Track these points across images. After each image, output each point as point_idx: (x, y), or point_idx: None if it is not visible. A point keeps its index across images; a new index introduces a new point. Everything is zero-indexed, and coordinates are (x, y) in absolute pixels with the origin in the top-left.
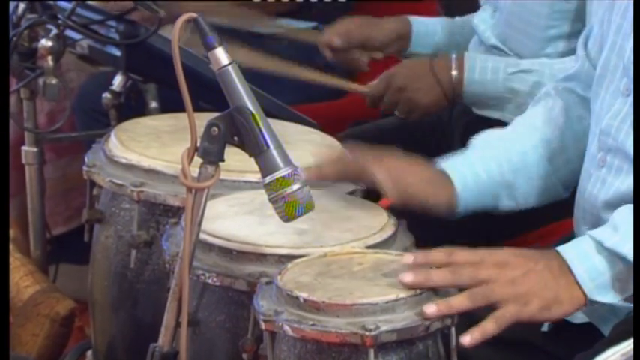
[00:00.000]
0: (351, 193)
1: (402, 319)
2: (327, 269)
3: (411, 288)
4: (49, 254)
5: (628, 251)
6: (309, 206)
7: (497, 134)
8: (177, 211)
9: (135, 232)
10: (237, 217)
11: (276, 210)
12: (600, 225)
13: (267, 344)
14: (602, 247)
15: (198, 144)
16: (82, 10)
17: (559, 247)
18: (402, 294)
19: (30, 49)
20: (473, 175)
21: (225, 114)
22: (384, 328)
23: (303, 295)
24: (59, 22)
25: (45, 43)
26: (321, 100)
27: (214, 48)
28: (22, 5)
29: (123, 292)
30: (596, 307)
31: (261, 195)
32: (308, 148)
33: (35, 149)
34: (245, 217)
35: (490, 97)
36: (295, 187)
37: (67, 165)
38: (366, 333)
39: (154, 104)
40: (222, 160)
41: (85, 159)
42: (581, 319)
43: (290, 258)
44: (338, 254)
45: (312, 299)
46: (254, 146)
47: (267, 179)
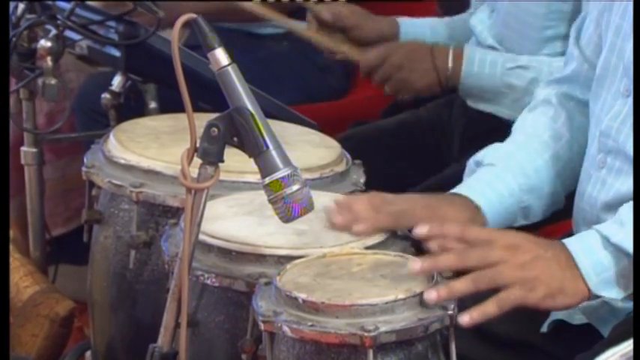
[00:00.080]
0: (350, 193)
1: (401, 319)
2: (326, 270)
3: (420, 274)
4: (48, 255)
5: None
6: (308, 207)
7: (505, 150)
8: (176, 212)
9: (134, 232)
10: (237, 218)
11: (276, 211)
12: None
13: (266, 345)
14: (609, 242)
15: (197, 144)
16: (81, 11)
17: (565, 240)
18: (401, 295)
19: (29, 49)
20: (497, 196)
21: (225, 114)
22: (383, 329)
23: (302, 296)
24: (58, 22)
25: (44, 43)
26: (321, 101)
27: (214, 48)
28: (21, 5)
29: (122, 293)
30: (597, 308)
31: (261, 196)
32: (307, 148)
33: (34, 150)
34: (244, 217)
35: (486, 90)
36: (295, 187)
37: (66, 165)
38: (365, 334)
39: (153, 105)
40: (222, 161)
41: (84, 159)
42: (581, 320)
43: (289, 259)
44: (337, 255)
45: (311, 300)
46: (253, 147)
47: (267, 180)
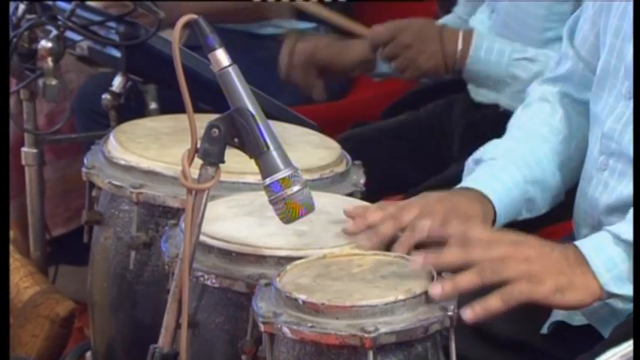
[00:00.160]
0: (350, 194)
1: (401, 321)
2: (327, 271)
3: (422, 270)
4: (48, 255)
5: None
6: (309, 208)
7: (505, 144)
8: (176, 213)
9: (134, 233)
10: (237, 219)
11: (276, 211)
12: (601, 227)
13: (266, 346)
14: (619, 239)
15: (198, 145)
16: (81, 11)
17: (576, 242)
18: (401, 296)
19: (30, 50)
20: (503, 187)
21: (226, 115)
22: (383, 330)
23: (302, 297)
24: (59, 23)
25: (45, 44)
26: (322, 102)
27: (215, 49)
28: (21, 6)
29: (122, 294)
30: (597, 310)
31: (261, 196)
32: (307, 149)
33: (35, 150)
34: (244, 218)
35: (490, 77)
36: (295, 188)
37: (66, 166)
38: (365, 335)
39: (153, 105)
40: (223, 162)
41: (84, 160)
42: (581, 321)
43: (289, 260)
44: (337, 256)
45: (312, 301)
46: (254, 147)
47: (268, 181)
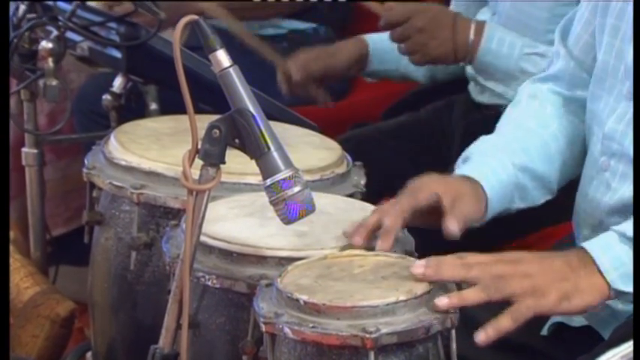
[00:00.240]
0: (350, 195)
1: (402, 321)
2: (328, 272)
3: (422, 281)
4: (48, 256)
5: None
6: (309, 208)
7: (492, 139)
8: (177, 213)
9: (135, 234)
10: (238, 220)
11: (277, 212)
12: (603, 228)
13: (267, 346)
14: (625, 237)
15: (199, 146)
16: (82, 12)
17: (582, 244)
18: (403, 297)
19: (30, 50)
20: (496, 178)
21: (227, 116)
22: (384, 330)
23: (303, 298)
24: (60, 23)
25: (45, 44)
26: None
27: (215, 50)
28: (22, 7)
29: (123, 294)
30: (597, 311)
31: (262, 197)
32: (308, 150)
33: (35, 151)
34: (245, 219)
35: (499, 70)
36: (296, 189)
37: (66, 166)
38: (367, 335)
39: (154, 106)
40: (224, 162)
41: (85, 161)
42: (580, 322)
43: (290, 260)
44: (338, 257)
45: (313, 302)
46: (255, 148)
47: (268, 181)
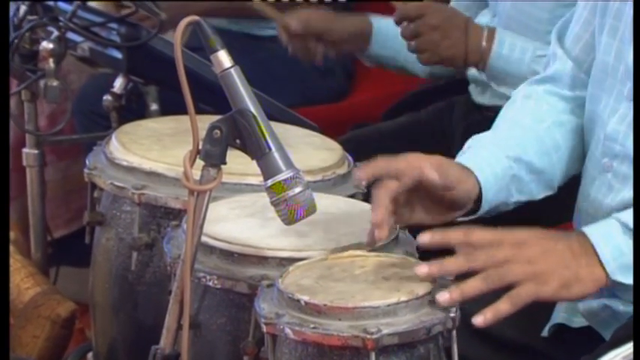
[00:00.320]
0: (352, 196)
1: (403, 322)
2: (329, 272)
3: (427, 279)
4: (49, 256)
5: None
6: (311, 209)
7: (488, 134)
8: (178, 214)
9: (136, 234)
10: (239, 220)
11: (278, 213)
12: None
13: (268, 347)
14: (628, 228)
15: (200, 146)
16: (83, 13)
17: (584, 228)
18: (404, 297)
19: (31, 51)
20: (491, 170)
21: (228, 116)
22: (385, 331)
23: (304, 298)
24: (60, 24)
25: (46, 45)
26: (322, 103)
27: (217, 51)
28: (23, 7)
29: (124, 295)
30: (598, 312)
31: (263, 198)
32: (309, 150)
33: (36, 151)
34: (246, 219)
35: (512, 75)
36: (297, 189)
37: (67, 167)
38: (368, 336)
39: (154, 107)
40: (225, 163)
41: (86, 161)
42: (581, 323)
43: (291, 261)
44: (339, 257)
45: (314, 302)
46: (256, 149)
47: (269, 182)
